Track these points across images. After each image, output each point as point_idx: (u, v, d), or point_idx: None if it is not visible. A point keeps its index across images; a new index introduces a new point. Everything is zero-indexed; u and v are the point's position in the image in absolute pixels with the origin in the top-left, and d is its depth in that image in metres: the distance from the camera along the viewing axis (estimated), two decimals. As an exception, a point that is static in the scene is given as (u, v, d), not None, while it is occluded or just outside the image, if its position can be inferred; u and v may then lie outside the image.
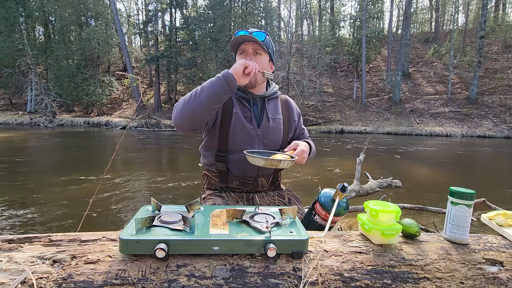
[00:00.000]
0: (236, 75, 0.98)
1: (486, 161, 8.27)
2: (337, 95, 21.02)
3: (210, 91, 0.98)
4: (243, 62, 1.00)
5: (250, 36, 1.11)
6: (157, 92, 20.03)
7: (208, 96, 0.98)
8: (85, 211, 1.73)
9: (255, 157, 0.99)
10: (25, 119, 17.41)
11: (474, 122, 16.28)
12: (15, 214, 3.16)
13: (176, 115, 1.03)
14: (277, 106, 1.27)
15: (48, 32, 20.97)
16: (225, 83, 0.97)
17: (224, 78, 0.97)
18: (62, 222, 3.01)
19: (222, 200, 1.21)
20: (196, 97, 0.99)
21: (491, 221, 0.92)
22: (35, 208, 3.36)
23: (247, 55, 1.14)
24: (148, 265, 0.65)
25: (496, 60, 20.02)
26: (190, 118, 1.01)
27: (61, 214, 3.23)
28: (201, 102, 0.98)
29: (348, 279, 0.68)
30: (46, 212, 3.27)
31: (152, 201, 0.85)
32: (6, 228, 2.83)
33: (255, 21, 20.52)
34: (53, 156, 7.51)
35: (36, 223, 2.97)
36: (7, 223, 2.94)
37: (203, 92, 0.98)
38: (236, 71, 0.98)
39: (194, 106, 0.99)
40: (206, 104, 0.98)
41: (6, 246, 0.70)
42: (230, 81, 0.97)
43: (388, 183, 3.06)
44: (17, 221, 2.98)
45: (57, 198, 3.76)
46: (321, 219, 0.96)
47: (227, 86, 0.97)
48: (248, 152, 1.04)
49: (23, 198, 3.70)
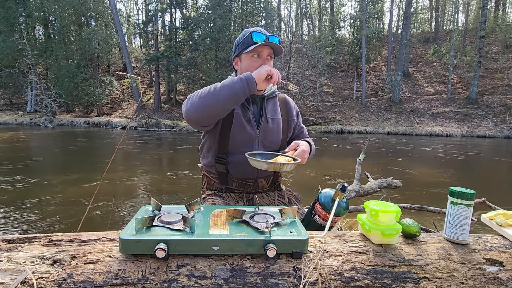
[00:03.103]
0: (258, 80, 0.98)
1: (486, 161, 8.27)
2: (337, 95, 21.02)
3: (230, 90, 0.98)
4: (268, 69, 1.00)
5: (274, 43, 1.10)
6: (157, 92, 20.03)
7: (228, 95, 0.98)
8: (85, 211, 1.73)
9: (257, 160, 0.98)
10: (25, 119, 17.42)
11: (474, 122, 16.28)
12: (15, 214, 3.16)
13: (190, 107, 1.01)
14: (275, 106, 1.27)
15: (48, 32, 20.97)
16: (246, 85, 0.97)
17: (246, 80, 0.97)
18: (62, 222, 3.01)
19: (222, 200, 1.20)
20: (215, 93, 0.98)
21: (491, 221, 0.92)
22: (35, 208, 3.36)
23: (261, 57, 1.13)
24: (148, 265, 0.65)
25: (496, 60, 20.02)
26: (205, 113, 1.00)
27: (61, 214, 3.23)
28: (220, 99, 0.98)
29: (348, 279, 0.68)
30: (46, 212, 3.27)
31: (152, 201, 0.85)
32: (6, 228, 2.83)
33: (255, 21, 20.51)
34: (53, 156, 7.51)
35: (36, 223, 2.97)
36: (7, 223, 2.94)
37: (224, 89, 0.98)
38: (259, 75, 0.98)
39: (213, 101, 0.98)
40: (224, 102, 0.98)
41: (6, 246, 0.70)
42: (252, 85, 0.97)
43: (388, 183, 3.06)
44: (17, 221, 2.99)
45: (57, 198, 3.76)
46: (321, 219, 0.96)
47: (248, 88, 0.98)
48: (250, 155, 1.02)
49: (23, 198, 3.70)
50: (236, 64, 1.21)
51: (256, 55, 1.13)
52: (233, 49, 1.22)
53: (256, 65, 1.12)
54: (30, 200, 3.62)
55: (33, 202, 3.55)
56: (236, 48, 1.19)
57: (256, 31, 1.12)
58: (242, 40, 1.15)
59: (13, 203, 3.49)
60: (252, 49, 1.10)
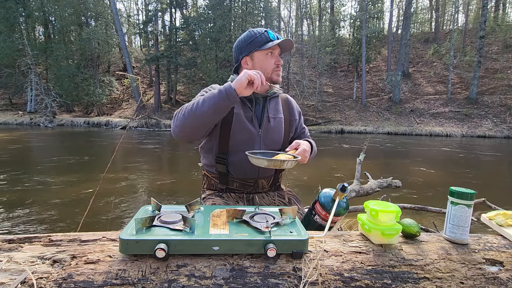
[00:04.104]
0: (239, 88, 0.97)
1: (486, 161, 8.27)
2: (337, 95, 21.02)
3: (212, 105, 0.97)
4: (248, 75, 0.98)
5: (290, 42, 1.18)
6: (157, 92, 20.03)
7: (210, 110, 0.98)
8: (85, 211, 1.73)
9: (258, 158, 0.98)
10: (25, 119, 17.42)
11: (474, 122, 16.28)
12: (15, 214, 3.16)
13: (175, 128, 1.03)
14: (278, 105, 1.27)
15: (48, 32, 20.97)
16: (227, 98, 0.97)
17: (226, 92, 0.97)
18: (62, 222, 3.01)
19: (222, 200, 1.21)
20: (197, 110, 0.98)
21: (491, 221, 0.92)
22: (35, 208, 3.36)
23: (273, 55, 1.18)
24: (148, 265, 0.65)
25: (496, 60, 20.02)
26: (191, 131, 1.02)
27: (61, 214, 3.23)
28: (203, 116, 0.98)
29: (348, 279, 0.68)
30: (46, 212, 3.27)
31: (152, 201, 0.85)
32: (6, 228, 2.83)
33: (255, 21, 20.50)
34: (53, 156, 7.51)
35: (36, 223, 2.97)
36: (7, 223, 2.94)
37: (205, 104, 0.98)
38: (240, 83, 0.97)
39: (196, 119, 0.99)
40: (207, 117, 0.99)
41: (6, 246, 0.70)
42: (232, 96, 0.97)
43: (388, 183, 3.06)
44: (17, 221, 2.99)
45: (57, 198, 3.76)
46: (321, 219, 0.96)
47: (228, 100, 0.97)
48: (250, 153, 1.03)
49: (23, 198, 3.70)
50: (245, 63, 1.20)
51: (270, 53, 1.17)
52: (240, 49, 1.20)
53: (271, 62, 1.18)
54: (30, 200, 3.62)
55: (33, 202, 3.55)
56: (246, 47, 1.18)
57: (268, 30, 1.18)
58: (256, 39, 1.16)
59: (13, 203, 3.49)
60: (270, 46, 1.15)
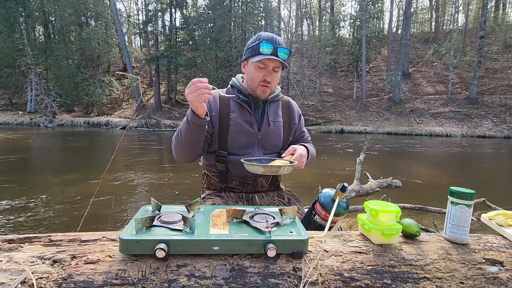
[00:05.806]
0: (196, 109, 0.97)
1: (486, 161, 8.27)
2: (337, 95, 21.02)
3: (186, 133, 1.04)
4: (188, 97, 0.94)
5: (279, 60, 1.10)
6: (157, 92, 20.03)
7: (187, 136, 1.05)
8: (85, 211, 1.73)
9: (253, 165, 0.98)
10: (25, 119, 17.40)
11: (474, 122, 16.28)
12: (15, 214, 3.16)
13: (175, 155, 1.15)
14: (277, 109, 1.27)
15: (48, 32, 20.96)
16: (192, 123, 1.01)
17: (188, 119, 1.01)
18: (62, 222, 3.01)
19: (222, 200, 1.21)
20: (180, 138, 1.08)
21: (491, 221, 0.92)
22: (35, 208, 3.36)
23: (266, 69, 1.13)
24: (148, 265, 0.65)
25: (496, 60, 20.01)
26: (186, 153, 1.12)
27: (61, 214, 3.23)
28: (186, 141, 1.07)
29: (348, 279, 0.68)
30: (46, 212, 3.27)
31: (152, 201, 0.85)
32: (6, 228, 2.83)
33: (255, 21, 20.50)
34: (53, 156, 7.52)
35: (36, 223, 2.97)
36: (7, 223, 2.94)
37: (182, 134, 1.06)
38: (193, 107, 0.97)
39: (182, 146, 1.09)
40: (190, 141, 1.07)
41: (6, 246, 0.70)
42: (195, 119, 0.99)
43: (388, 183, 3.06)
44: (17, 221, 2.98)
45: (57, 198, 3.76)
46: (321, 219, 0.96)
47: (194, 123, 1.00)
48: (246, 160, 1.03)
49: (23, 198, 3.70)
50: (244, 67, 1.21)
51: (262, 66, 1.13)
52: (244, 51, 1.21)
53: (259, 76, 1.13)
54: (30, 200, 3.62)
55: (33, 202, 3.55)
56: (246, 51, 1.18)
57: (266, 41, 1.11)
58: (251, 47, 1.14)
59: (13, 203, 3.49)
60: (258, 60, 1.10)
